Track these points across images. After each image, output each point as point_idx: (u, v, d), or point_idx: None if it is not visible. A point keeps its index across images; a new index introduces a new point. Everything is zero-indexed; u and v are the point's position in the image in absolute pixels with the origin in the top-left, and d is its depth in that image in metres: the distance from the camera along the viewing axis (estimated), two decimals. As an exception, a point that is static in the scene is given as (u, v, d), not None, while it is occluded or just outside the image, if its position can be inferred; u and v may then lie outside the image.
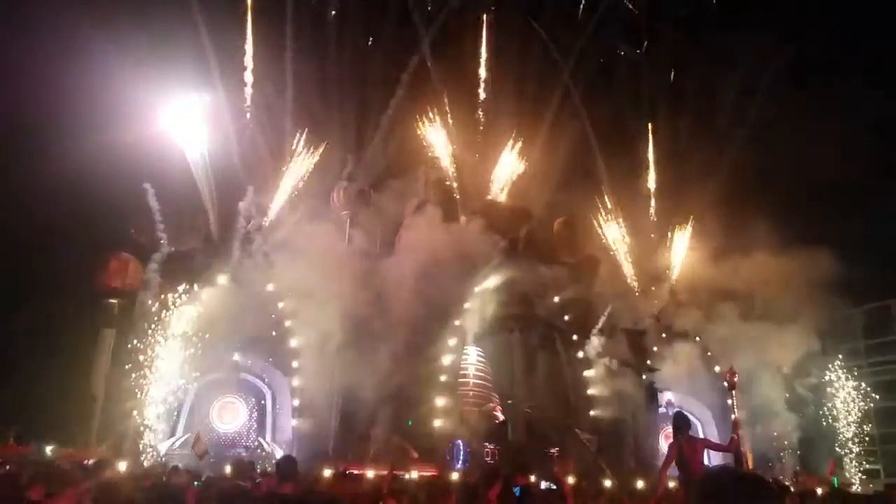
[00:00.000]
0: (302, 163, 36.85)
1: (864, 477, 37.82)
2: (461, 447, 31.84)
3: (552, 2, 42.86)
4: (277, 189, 36.55)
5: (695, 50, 41.18)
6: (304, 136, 36.62)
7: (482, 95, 41.20)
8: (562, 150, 38.86)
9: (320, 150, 36.89)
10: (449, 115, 39.53)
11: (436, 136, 39.58)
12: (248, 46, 37.13)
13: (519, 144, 39.54)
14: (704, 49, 40.36)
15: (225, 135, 34.99)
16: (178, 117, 33.06)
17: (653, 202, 42.55)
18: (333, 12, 39.79)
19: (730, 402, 13.30)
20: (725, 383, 13.23)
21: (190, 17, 34.34)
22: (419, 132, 39.33)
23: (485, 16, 41.91)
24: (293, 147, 36.58)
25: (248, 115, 36.98)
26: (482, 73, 41.53)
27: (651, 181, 42.81)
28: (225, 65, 35.92)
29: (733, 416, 12.23)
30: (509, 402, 35.64)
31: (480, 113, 41.08)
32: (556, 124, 40.09)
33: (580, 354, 36.31)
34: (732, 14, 41.02)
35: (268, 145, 36.93)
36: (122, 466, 21.00)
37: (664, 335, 39.44)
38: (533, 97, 40.26)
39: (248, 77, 36.99)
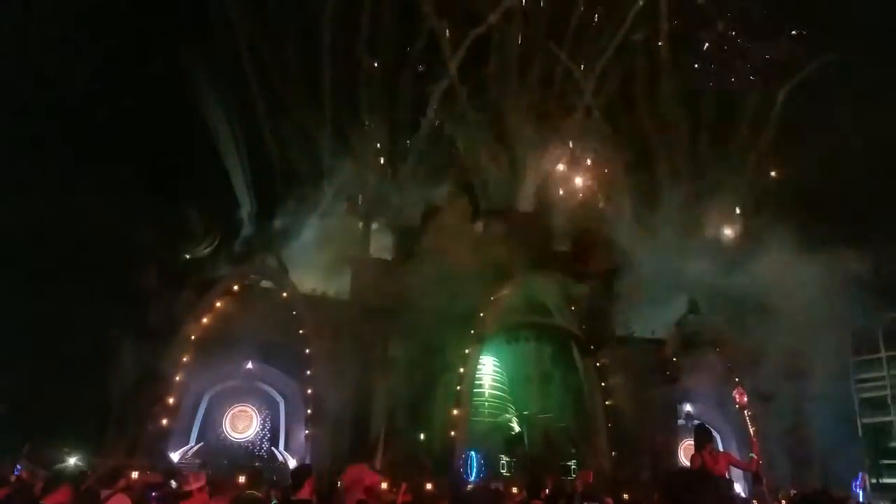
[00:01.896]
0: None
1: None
2: (475, 459, 31.40)
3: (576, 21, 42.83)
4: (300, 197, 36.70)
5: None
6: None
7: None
8: (584, 162, 38.79)
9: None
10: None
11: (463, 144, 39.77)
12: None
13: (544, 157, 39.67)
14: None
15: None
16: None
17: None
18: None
19: (748, 422, 12.97)
20: (737, 405, 12.84)
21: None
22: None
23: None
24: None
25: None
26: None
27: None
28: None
29: (752, 436, 11.91)
30: (525, 413, 35.16)
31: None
32: (580, 137, 40.11)
33: (598, 365, 35.74)
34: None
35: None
36: (135, 475, 20.75)
37: (684, 345, 38.91)
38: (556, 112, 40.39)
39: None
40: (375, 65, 39.72)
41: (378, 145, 39.96)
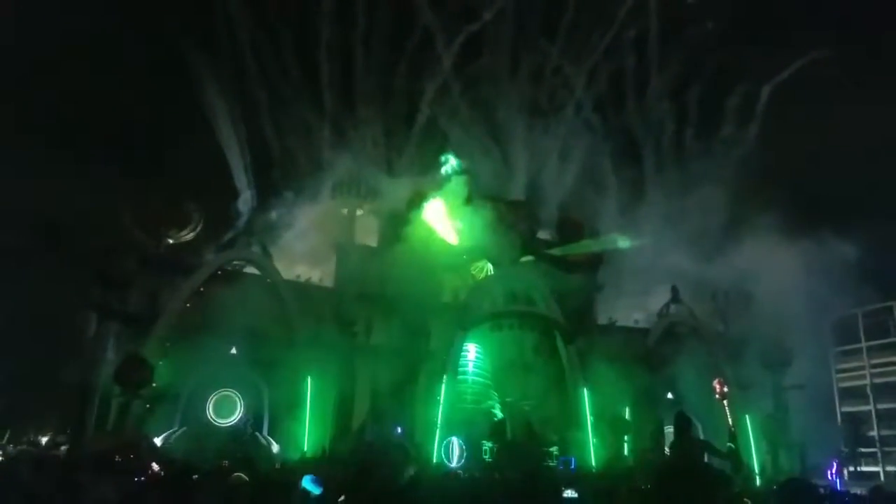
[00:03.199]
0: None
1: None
2: (457, 445, 31.58)
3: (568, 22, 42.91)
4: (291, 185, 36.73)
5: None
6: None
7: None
8: (574, 156, 38.94)
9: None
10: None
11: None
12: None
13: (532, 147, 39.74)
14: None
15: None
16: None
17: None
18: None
19: (727, 412, 13.14)
20: (717, 395, 13.04)
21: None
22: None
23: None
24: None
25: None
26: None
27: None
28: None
29: (730, 426, 12.11)
30: (508, 399, 35.40)
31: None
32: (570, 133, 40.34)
33: (580, 352, 35.95)
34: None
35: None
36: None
37: (666, 334, 39.25)
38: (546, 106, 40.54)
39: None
40: (370, 59, 40.18)
41: (373, 137, 40.10)
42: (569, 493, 18.12)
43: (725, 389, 13.08)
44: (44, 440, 27.67)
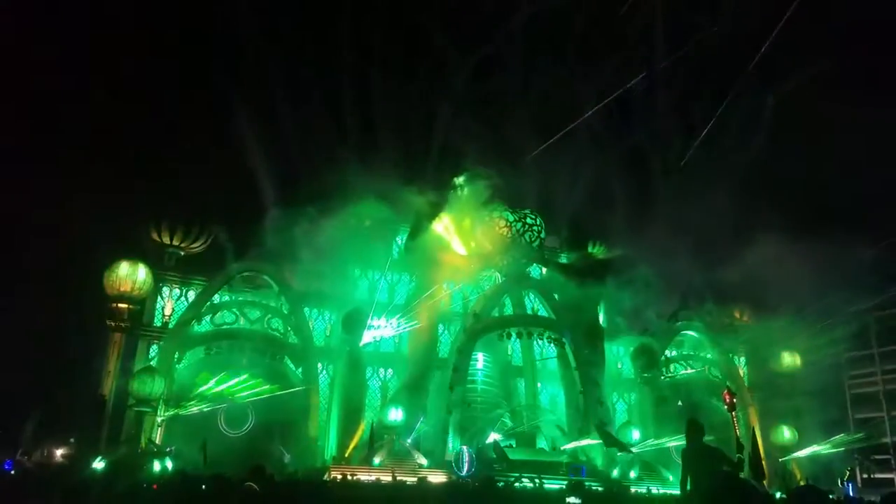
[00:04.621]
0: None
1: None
2: (467, 454, 31.58)
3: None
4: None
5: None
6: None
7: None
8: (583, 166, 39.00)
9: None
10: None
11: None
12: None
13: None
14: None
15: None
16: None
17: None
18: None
19: (734, 423, 13.15)
20: (725, 406, 13.01)
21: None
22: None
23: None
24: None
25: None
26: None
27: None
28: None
29: (737, 438, 12.01)
30: (517, 407, 35.46)
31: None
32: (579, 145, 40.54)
33: (588, 360, 35.89)
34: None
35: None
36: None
37: (676, 339, 39.26)
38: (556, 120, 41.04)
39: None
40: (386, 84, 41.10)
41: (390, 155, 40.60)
42: (572, 500, 18.26)
43: (734, 400, 13.06)
44: (59, 452, 28.01)
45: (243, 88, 37.74)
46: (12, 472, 22.92)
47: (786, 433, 37.12)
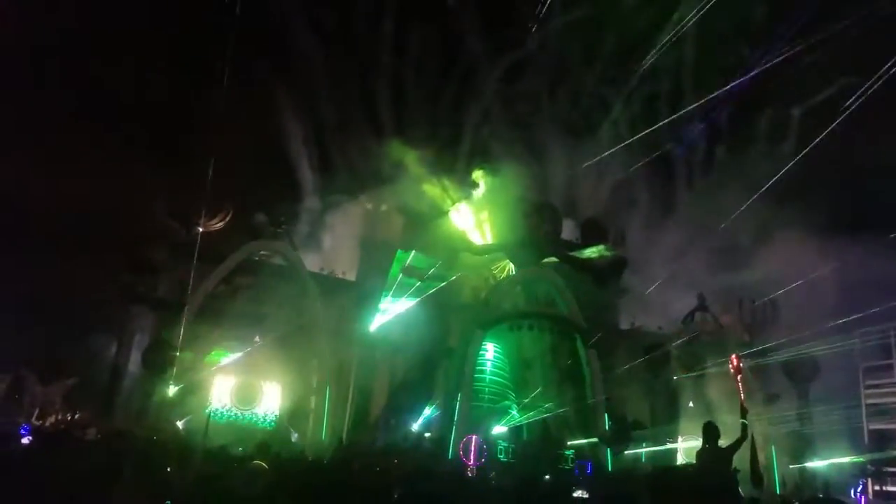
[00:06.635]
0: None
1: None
2: (475, 443, 31.69)
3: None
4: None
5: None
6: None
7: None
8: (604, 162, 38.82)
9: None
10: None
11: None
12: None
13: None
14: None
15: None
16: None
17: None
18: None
19: (739, 388, 12.33)
20: (731, 369, 12.77)
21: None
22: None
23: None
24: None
25: None
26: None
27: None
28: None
29: (741, 403, 11.57)
30: (525, 400, 35.41)
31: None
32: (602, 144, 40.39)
33: (600, 355, 35.75)
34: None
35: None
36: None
37: (690, 340, 38.80)
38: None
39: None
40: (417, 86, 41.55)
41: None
42: (579, 494, 18.31)
43: (740, 364, 12.66)
44: (75, 418, 28.75)
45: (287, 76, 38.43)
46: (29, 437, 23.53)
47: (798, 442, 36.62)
